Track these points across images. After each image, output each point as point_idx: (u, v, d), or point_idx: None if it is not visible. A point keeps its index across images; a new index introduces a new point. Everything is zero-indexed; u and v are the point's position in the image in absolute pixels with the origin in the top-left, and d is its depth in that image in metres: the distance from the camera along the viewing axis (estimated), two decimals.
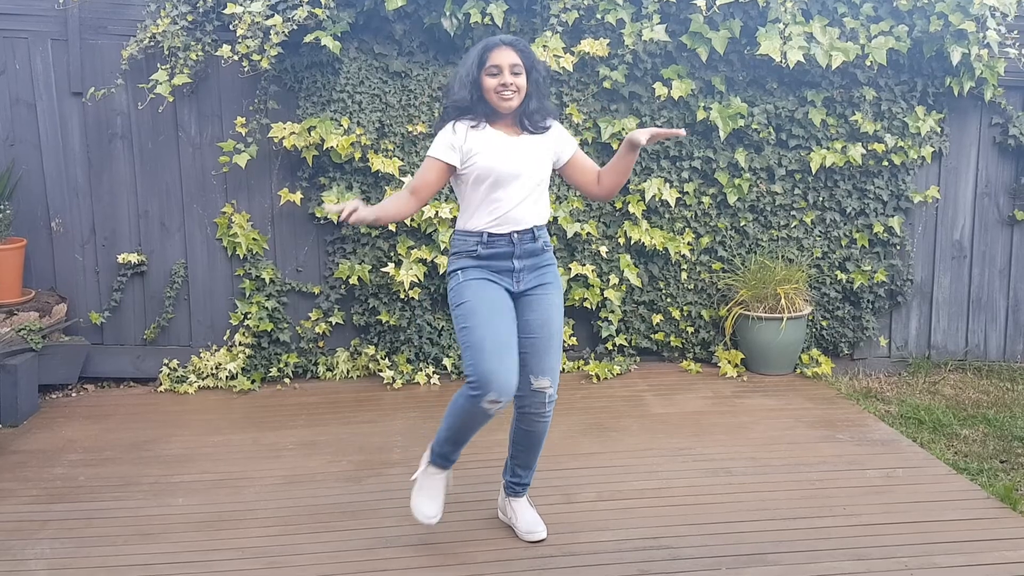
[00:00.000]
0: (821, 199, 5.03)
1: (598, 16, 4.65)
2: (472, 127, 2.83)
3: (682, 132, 2.78)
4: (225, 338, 4.90)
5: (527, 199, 2.85)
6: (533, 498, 3.21)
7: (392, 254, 4.79)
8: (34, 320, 4.47)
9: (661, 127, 4.82)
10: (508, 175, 2.80)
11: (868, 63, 4.77)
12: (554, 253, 3.01)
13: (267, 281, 4.83)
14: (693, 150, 4.91)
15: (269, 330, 4.81)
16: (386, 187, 4.70)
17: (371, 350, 4.86)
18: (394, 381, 4.79)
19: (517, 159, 2.82)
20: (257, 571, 2.88)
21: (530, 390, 2.88)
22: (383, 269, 4.72)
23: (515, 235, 2.85)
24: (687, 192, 4.94)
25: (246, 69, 4.54)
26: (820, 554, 2.96)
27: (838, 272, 5.09)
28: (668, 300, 5.06)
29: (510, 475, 3.11)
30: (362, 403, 4.55)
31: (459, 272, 2.88)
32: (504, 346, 2.74)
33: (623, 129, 4.77)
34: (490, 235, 2.84)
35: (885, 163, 4.98)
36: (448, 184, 2.97)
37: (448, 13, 4.52)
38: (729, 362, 4.98)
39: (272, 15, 4.44)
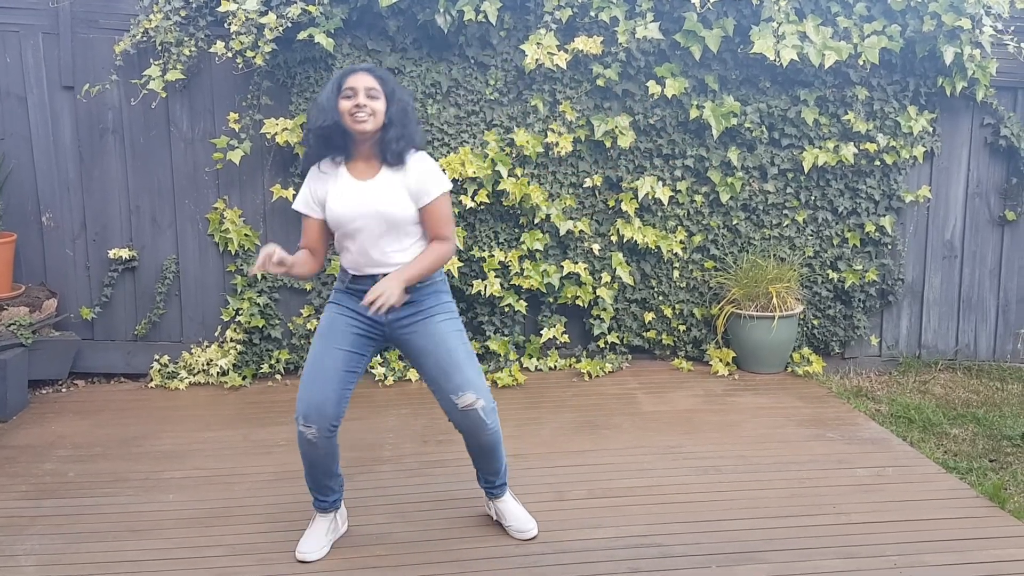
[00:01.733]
0: (813, 198, 5.04)
1: (592, 14, 4.65)
2: (330, 168, 2.83)
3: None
4: (216, 334, 4.89)
5: (386, 240, 2.79)
6: (523, 496, 3.21)
7: None
8: (24, 315, 4.45)
9: (653, 122, 4.84)
10: (351, 226, 2.78)
11: (861, 62, 4.78)
12: (450, 292, 2.95)
13: (259, 277, 4.82)
14: (686, 148, 4.92)
15: (260, 326, 4.80)
16: None
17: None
18: (385, 378, 4.79)
19: (362, 207, 2.76)
20: (248, 567, 2.88)
21: (459, 412, 2.83)
22: None
23: (381, 276, 2.79)
24: (680, 190, 4.94)
25: (239, 65, 4.53)
26: (810, 552, 2.97)
27: (830, 271, 5.11)
28: (660, 298, 5.07)
29: (483, 482, 3.12)
30: (353, 400, 4.49)
31: (331, 297, 2.95)
32: (319, 373, 2.79)
33: (616, 127, 4.77)
34: (354, 276, 2.86)
35: (877, 162, 4.99)
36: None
37: (442, 10, 4.51)
38: (720, 360, 4.99)
39: (266, 12, 4.43)
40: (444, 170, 4.63)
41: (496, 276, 4.83)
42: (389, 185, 2.78)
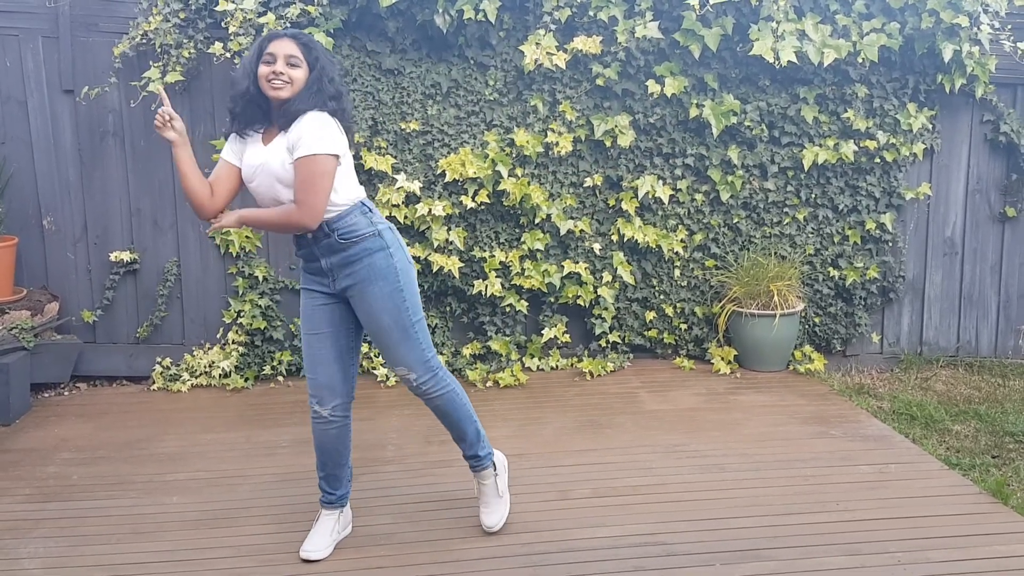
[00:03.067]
0: (813, 196, 5.05)
1: (591, 13, 4.65)
2: (241, 136, 2.82)
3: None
4: (218, 336, 4.89)
5: (280, 202, 2.75)
6: (527, 495, 3.21)
7: None
8: (26, 318, 4.45)
9: (652, 121, 4.84)
10: (251, 186, 2.80)
11: (860, 60, 4.78)
12: (381, 236, 2.82)
13: (260, 279, 4.83)
14: (686, 147, 4.92)
15: (262, 328, 4.80)
16: (379, 184, 4.69)
17: (364, 347, 4.85)
18: (388, 379, 4.79)
19: (256, 167, 2.75)
20: (252, 569, 2.88)
21: (405, 377, 2.91)
22: None
23: (311, 236, 2.77)
24: (680, 189, 4.95)
25: (238, 66, 4.52)
26: (813, 549, 2.98)
27: (831, 269, 5.11)
28: (661, 297, 5.07)
29: (463, 453, 3.14)
30: (356, 401, 4.50)
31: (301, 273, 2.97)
32: (316, 359, 2.88)
33: (616, 126, 4.77)
34: (296, 239, 2.84)
35: (877, 160, 4.99)
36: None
37: (441, 10, 4.51)
38: (722, 359, 4.99)
39: (264, 12, 4.43)
40: (431, 175, 4.65)
41: (497, 276, 4.84)
42: (278, 145, 2.72)
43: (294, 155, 2.65)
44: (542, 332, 4.98)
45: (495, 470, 3.15)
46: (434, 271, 4.77)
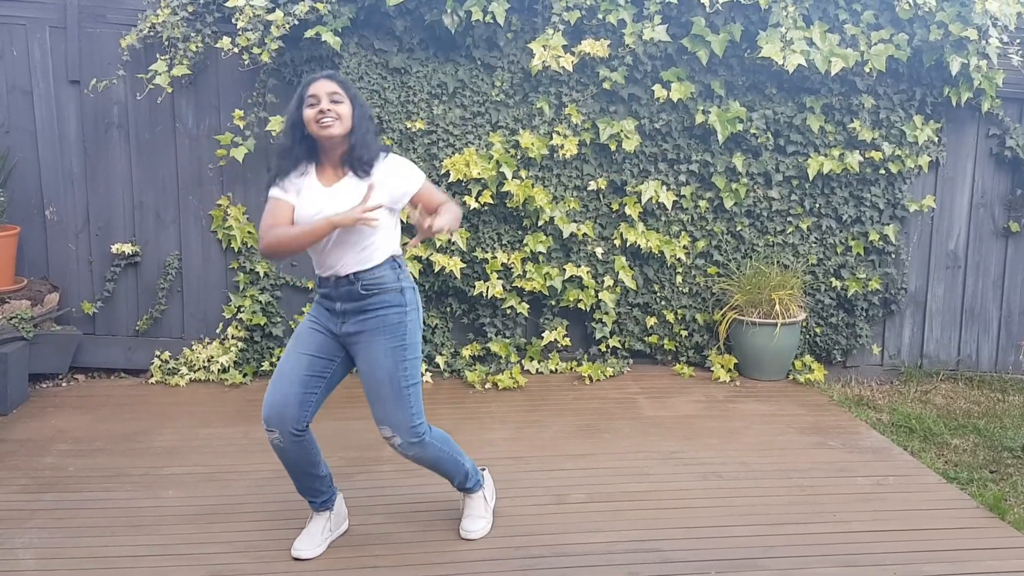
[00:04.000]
0: (817, 205, 5.04)
1: (599, 16, 4.65)
2: (297, 177, 2.79)
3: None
4: (218, 331, 4.88)
5: (341, 246, 2.75)
6: (522, 499, 3.20)
7: None
8: (26, 308, 4.45)
9: (658, 126, 4.84)
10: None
11: (867, 70, 4.78)
12: (409, 293, 2.86)
13: (261, 275, 4.82)
14: (691, 154, 4.91)
15: (262, 324, 4.80)
16: None
17: None
18: None
19: (325, 212, 2.71)
20: (247, 564, 2.87)
21: (386, 438, 2.87)
22: None
23: (334, 279, 2.80)
24: (684, 195, 4.94)
25: (246, 62, 4.52)
26: (809, 560, 2.97)
27: (833, 279, 5.10)
28: (662, 303, 5.06)
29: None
30: (353, 399, 4.50)
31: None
32: (280, 376, 2.80)
33: (621, 131, 4.76)
34: (320, 277, 2.86)
35: (882, 171, 4.99)
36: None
37: (449, 10, 4.51)
38: (722, 366, 4.99)
39: (273, 9, 4.43)
40: (435, 175, 4.65)
41: (498, 278, 4.83)
42: (354, 192, 2.74)
43: (412, 191, 2.84)
44: (542, 335, 4.97)
45: (483, 487, 3.16)
46: (435, 271, 4.76)
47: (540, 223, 4.83)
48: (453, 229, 2.82)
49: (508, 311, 4.90)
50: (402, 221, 3.06)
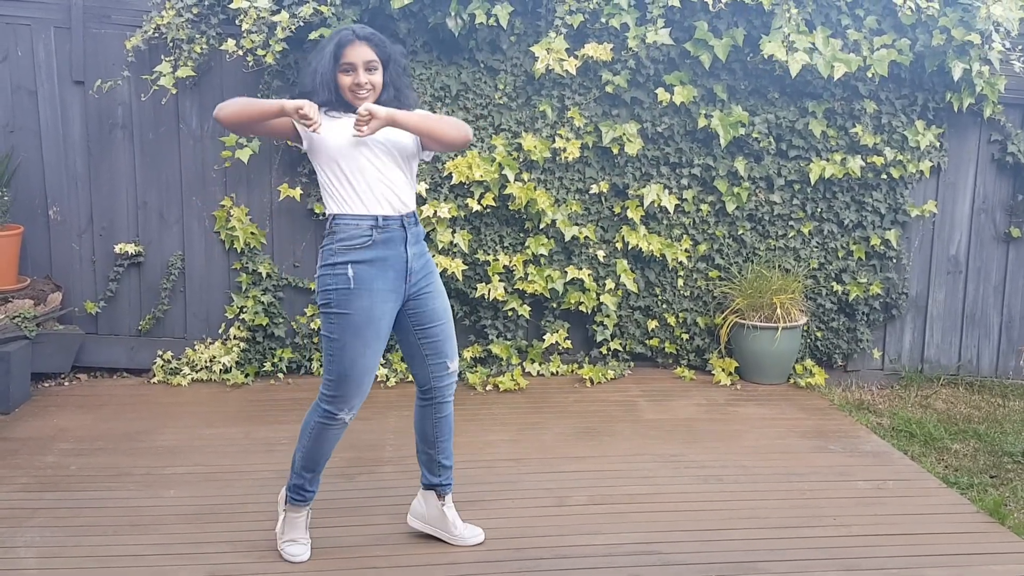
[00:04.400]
0: (819, 210, 5.05)
1: (602, 20, 4.66)
2: (329, 114, 2.75)
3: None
4: (220, 331, 4.89)
5: (399, 183, 2.75)
6: (523, 501, 3.20)
7: None
8: (29, 308, 4.46)
9: (660, 130, 4.84)
10: (357, 154, 2.70)
11: (870, 75, 4.78)
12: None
13: (264, 275, 4.83)
14: (693, 157, 4.92)
15: (264, 324, 4.81)
16: None
17: None
18: (388, 379, 4.79)
19: (362, 142, 2.70)
20: (248, 564, 2.88)
21: (447, 373, 2.94)
22: None
23: (404, 217, 2.76)
24: (686, 199, 4.95)
25: (250, 64, 4.54)
26: (810, 564, 2.97)
27: (834, 283, 5.10)
28: (664, 306, 5.07)
29: (438, 472, 3.03)
30: None
31: (348, 267, 2.70)
32: (368, 372, 2.79)
33: (624, 134, 4.77)
34: (380, 218, 2.72)
35: (884, 176, 4.99)
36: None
37: (453, 13, 4.52)
38: (723, 370, 4.99)
39: (278, 11, 4.45)
40: (437, 177, 4.66)
41: (500, 280, 4.84)
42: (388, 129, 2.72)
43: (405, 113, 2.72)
44: (543, 337, 4.98)
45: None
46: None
47: (542, 226, 4.83)
48: (394, 118, 2.63)
49: (509, 313, 4.91)
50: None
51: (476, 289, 4.82)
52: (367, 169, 2.73)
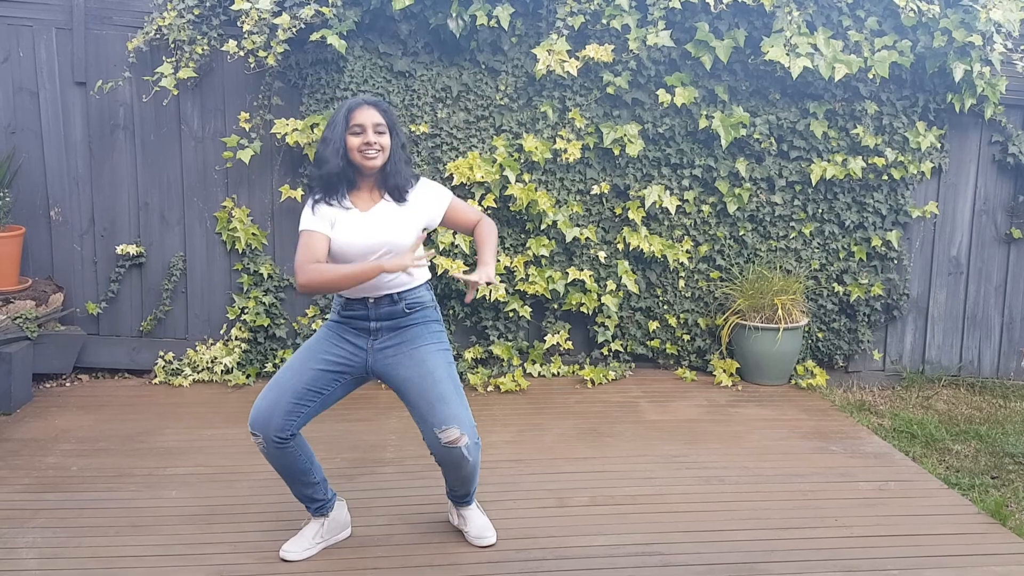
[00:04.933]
0: (820, 211, 5.05)
1: (604, 21, 4.66)
2: (328, 204, 2.77)
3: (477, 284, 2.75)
4: (221, 332, 4.90)
5: (389, 273, 2.76)
6: (525, 502, 3.20)
7: None
8: (30, 308, 4.47)
9: (662, 131, 4.85)
10: (356, 257, 2.75)
11: (871, 76, 4.79)
12: (438, 311, 2.96)
13: (265, 276, 4.84)
14: (694, 158, 4.92)
15: (266, 325, 4.81)
16: None
17: None
18: None
19: (370, 238, 2.75)
20: (249, 565, 2.88)
21: (442, 447, 2.76)
22: None
23: (372, 300, 2.81)
24: (687, 200, 4.95)
25: (251, 65, 4.54)
26: (811, 564, 2.97)
27: (835, 284, 5.11)
28: (665, 307, 5.07)
29: (451, 495, 3.07)
30: (357, 401, 4.53)
31: (324, 324, 2.95)
32: (276, 383, 2.80)
33: (625, 135, 4.78)
34: (347, 300, 2.84)
35: (885, 177, 4.99)
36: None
37: (454, 14, 4.53)
38: (724, 371, 4.99)
39: (279, 12, 4.45)
40: (439, 178, 4.67)
41: (501, 281, 4.84)
42: (392, 215, 2.80)
43: (442, 209, 2.90)
44: (544, 338, 4.98)
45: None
46: (439, 274, 4.77)
47: (543, 227, 4.84)
48: (493, 271, 2.83)
49: (511, 314, 4.91)
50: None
51: (477, 290, 4.82)
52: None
